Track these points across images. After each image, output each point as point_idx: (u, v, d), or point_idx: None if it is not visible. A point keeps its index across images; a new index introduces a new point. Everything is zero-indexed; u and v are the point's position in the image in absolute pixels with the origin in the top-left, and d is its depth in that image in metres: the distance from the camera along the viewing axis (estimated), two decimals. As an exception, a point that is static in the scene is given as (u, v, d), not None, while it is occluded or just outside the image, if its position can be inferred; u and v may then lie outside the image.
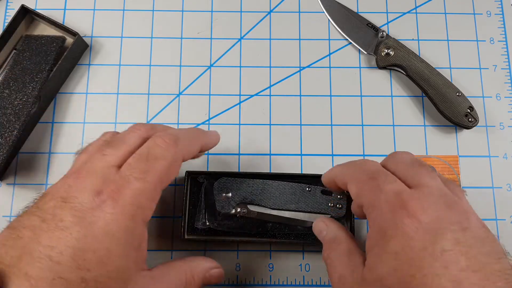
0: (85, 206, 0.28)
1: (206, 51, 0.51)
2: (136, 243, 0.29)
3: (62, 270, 0.25)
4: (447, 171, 0.47)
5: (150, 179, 0.30)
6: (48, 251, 0.26)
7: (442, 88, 0.48)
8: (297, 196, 0.41)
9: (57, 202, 0.28)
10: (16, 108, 0.45)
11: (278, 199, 0.41)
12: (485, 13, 0.53)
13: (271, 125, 0.49)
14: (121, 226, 0.28)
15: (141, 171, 0.30)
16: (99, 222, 0.27)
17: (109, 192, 0.28)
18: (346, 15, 0.52)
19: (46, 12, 0.50)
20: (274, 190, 0.41)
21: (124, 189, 0.29)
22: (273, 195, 0.41)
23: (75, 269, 0.25)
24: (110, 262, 0.27)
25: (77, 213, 0.27)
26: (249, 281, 0.44)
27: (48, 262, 0.25)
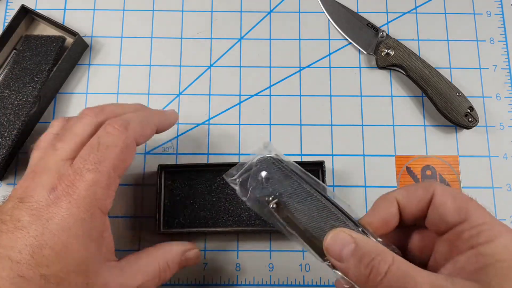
0: (41, 204, 0.28)
1: (206, 51, 0.51)
2: (95, 234, 0.29)
3: (22, 269, 0.26)
4: (447, 171, 0.48)
5: (103, 169, 0.30)
6: (8, 252, 0.26)
7: (442, 88, 0.48)
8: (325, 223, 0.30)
9: (15, 203, 0.28)
10: (16, 108, 0.45)
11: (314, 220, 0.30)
12: (485, 13, 0.53)
13: (271, 125, 0.49)
14: (77, 219, 0.28)
15: (93, 162, 0.30)
16: (55, 218, 0.28)
17: (63, 187, 0.29)
18: (346, 15, 0.52)
19: (46, 12, 0.50)
20: (315, 209, 0.30)
21: (77, 182, 0.29)
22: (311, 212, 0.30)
23: (35, 266, 0.26)
24: (68, 256, 0.27)
25: (34, 211, 0.28)
26: (249, 281, 0.44)
27: (8, 262, 0.26)
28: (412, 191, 0.29)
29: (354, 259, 0.25)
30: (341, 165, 0.47)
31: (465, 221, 0.26)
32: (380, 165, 0.48)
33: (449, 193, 0.27)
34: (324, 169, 0.44)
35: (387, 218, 0.28)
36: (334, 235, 0.27)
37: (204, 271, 0.44)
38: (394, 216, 0.28)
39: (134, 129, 0.33)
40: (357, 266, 0.25)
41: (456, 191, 0.28)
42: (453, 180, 0.47)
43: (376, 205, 0.29)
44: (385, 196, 0.29)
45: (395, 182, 0.47)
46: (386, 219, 0.28)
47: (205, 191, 0.45)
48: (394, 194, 0.29)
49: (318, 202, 0.30)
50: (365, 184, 0.47)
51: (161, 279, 0.33)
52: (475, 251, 0.24)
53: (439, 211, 0.27)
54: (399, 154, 0.48)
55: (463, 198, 0.27)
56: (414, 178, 0.47)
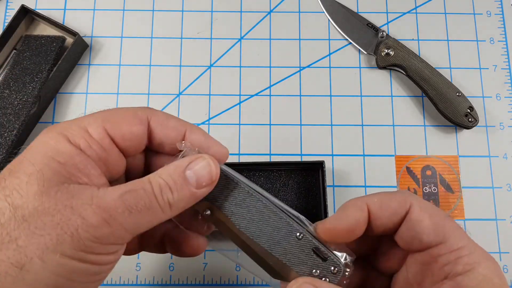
0: None
1: (206, 51, 0.51)
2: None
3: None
4: (447, 171, 0.47)
5: None
6: None
7: (442, 88, 0.48)
8: (280, 236, 0.26)
9: None
10: (16, 108, 0.45)
11: (254, 224, 0.27)
12: (485, 13, 0.53)
13: (271, 125, 0.49)
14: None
15: None
16: None
17: None
18: (346, 15, 0.52)
19: (46, 12, 0.50)
20: (255, 211, 0.27)
21: None
22: (251, 215, 0.27)
23: None
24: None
25: None
26: (249, 281, 0.44)
27: None
28: (386, 201, 0.26)
29: None
30: (341, 165, 0.47)
31: (442, 243, 0.24)
32: (380, 165, 0.47)
33: (427, 210, 0.25)
34: (324, 169, 0.44)
35: (354, 226, 0.26)
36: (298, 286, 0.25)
37: (204, 271, 0.44)
38: (362, 225, 0.26)
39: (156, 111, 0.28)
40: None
41: (433, 208, 0.26)
42: (453, 180, 0.47)
43: (344, 209, 0.26)
44: (356, 201, 0.26)
45: (395, 182, 0.47)
46: (353, 227, 0.26)
47: None
48: (365, 200, 0.26)
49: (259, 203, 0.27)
50: (365, 184, 0.47)
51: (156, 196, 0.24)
52: (453, 283, 0.23)
53: (415, 228, 0.25)
54: (399, 154, 0.48)
55: (441, 217, 0.25)
56: (414, 178, 0.47)
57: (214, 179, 0.26)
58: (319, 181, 0.46)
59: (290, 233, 0.26)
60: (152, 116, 0.27)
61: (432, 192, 0.47)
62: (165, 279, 0.44)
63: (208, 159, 0.26)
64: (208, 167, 0.25)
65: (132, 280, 0.44)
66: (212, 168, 0.26)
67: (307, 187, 0.46)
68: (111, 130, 0.25)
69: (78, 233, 0.21)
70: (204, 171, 0.25)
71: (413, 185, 0.47)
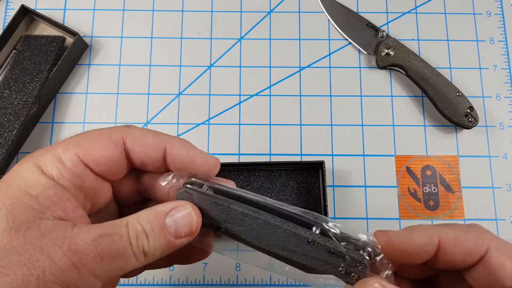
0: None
1: (206, 51, 0.51)
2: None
3: None
4: (447, 171, 0.47)
5: None
6: None
7: (442, 88, 0.48)
8: (292, 245, 0.26)
9: None
10: (16, 108, 0.45)
11: (265, 238, 0.26)
12: (485, 13, 0.53)
13: (271, 125, 0.49)
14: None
15: None
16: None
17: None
18: (346, 15, 0.52)
19: (46, 12, 0.50)
20: (259, 228, 0.26)
21: None
22: (257, 231, 0.26)
23: None
24: None
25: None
26: (249, 281, 0.44)
27: None
28: (461, 238, 0.24)
29: None
30: (341, 165, 0.47)
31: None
32: (380, 165, 0.47)
33: (506, 252, 0.23)
34: (324, 169, 0.44)
35: (416, 252, 0.23)
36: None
37: (204, 271, 0.44)
38: (425, 255, 0.24)
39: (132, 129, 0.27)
40: None
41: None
42: (453, 180, 0.47)
43: (412, 231, 0.24)
44: (427, 229, 0.24)
45: (395, 182, 0.47)
46: (414, 252, 0.23)
47: None
48: (438, 232, 0.24)
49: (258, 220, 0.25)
50: (365, 184, 0.47)
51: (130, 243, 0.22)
52: None
53: (496, 273, 0.23)
54: (399, 154, 0.48)
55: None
56: (414, 178, 0.47)
57: (194, 230, 0.24)
58: (319, 181, 0.46)
59: (300, 242, 0.25)
60: (128, 135, 0.26)
61: (432, 192, 0.47)
62: (165, 279, 0.44)
63: (189, 209, 0.24)
64: (189, 217, 0.24)
65: (132, 280, 0.44)
66: (192, 219, 0.24)
67: (307, 187, 0.46)
68: (84, 156, 0.24)
69: (45, 275, 0.20)
70: (184, 221, 0.24)
71: (413, 185, 0.47)
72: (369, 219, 0.46)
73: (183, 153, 0.26)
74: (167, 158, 0.26)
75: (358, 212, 0.46)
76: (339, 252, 0.24)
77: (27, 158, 0.24)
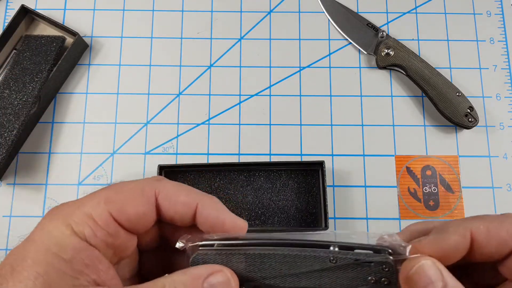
0: None
1: (206, 51, 0.51)
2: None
3: None
4: (447, 171, 0.47)
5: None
6: None
7: (442, 88, 0.48)
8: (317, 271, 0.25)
9: None
10: (16, 108, 0.45)
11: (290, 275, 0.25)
12: (485, 13, 0.53)
13: (271, 125, 0.49)
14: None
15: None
16: None
17: None
18: (346, 15, 0.52)
19: (46, 12, 0.50)
20: (279, 265, 0.25)
21: None
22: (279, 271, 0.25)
23: None
24: None
25: None
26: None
27: None
28: (494, 230, 0.23)
29: None
30: (341, 165, 0.47)
31: None
32: (380, 165, 0.47)
33: None
34: (324, 169, 0.44)
35: (453, 253, 0.23)
36: (419, 266, 0.22)
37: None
38: (461, 252, 0.23)
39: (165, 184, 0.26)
40: None
41: None
42: (453, 180, 0.47)
43: (443, 233, 0.23)
44: (458, 226, 0.23)
45: (395, 182, 0.47)
46: (451, 254, 0.23)
47: (205, 191, 0.45)
48: (469, 226, 0.23)
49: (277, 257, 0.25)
50: (365, 184, 0.47)
51: None
52: None
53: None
54: (399, 154, 0.48)
55: None
56: (414, 178, 0.47)
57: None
58: (319, 181, 0.46)
59: (324, 264, 0.24)
60: (161, 191, 0.25)
61: (432, 192, 0.47)
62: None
63: (228, 274, 0.24)
64: (228, 285, 0.23)
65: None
66: (231, 286, 0.24)
67: (307, 187, 0.46)
68: (116, 213, 0.24)
69: None
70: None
71: (413, 185, 0.47)
72: (369, 219, 0.46)
73: (214, 215, 0.26)
74: (197, 217, 0.26)
75: (358, 212, 0.46)
76: (363, 260, 0.24)
77: (55, 214, 0.23)
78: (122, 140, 0.48)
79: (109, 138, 0.48)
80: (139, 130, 0.48)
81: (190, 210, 0.26)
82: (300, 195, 0.46)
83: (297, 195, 0.46)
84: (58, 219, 0.23)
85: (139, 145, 0.48)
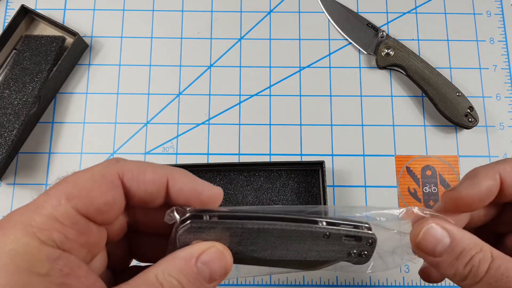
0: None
1: (206, 51, 0.51)
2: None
3: None
4: (447, 171, 0.47)
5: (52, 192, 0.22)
6: None
7: (442, 88, 0.48)
8: (308, 245, 0.25)
9: None
10: (16, 108, 0.45)
11: (279, 249, 0.25)
12: (485, 13, 0.53)
13: (271, 125, 0.49)
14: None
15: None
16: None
17: None
18: (346, 15, 0.52)
19: (46, 12, 0.50)
20: (274, 239, 0.25)
21: None
22: (271, 244, 0.25)
23: None
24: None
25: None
26: (249, 281, 0.44)
27: None
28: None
29: (450, 256, 0.23)
30: (341, 165, 0.47)
31: None
32: (380, 165, 0.47)
33: None
34: (324, 169, 0.44)
35: (485, 195, 0.24)
36: (425, 231, 0.23)
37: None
38: (493, 194, 0.24)
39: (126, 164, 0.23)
40: (453, 264, 0.23)
41: None
42: (453, 180, 0.47)
43: (474, 178, 0.25)
44: (487, 170, 0.25)
45: (395, 182, 0.47)
46: (484, 196, 0.24)
47: None
48: (497, 169, 0.24)
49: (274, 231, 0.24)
50: (365, 184, 0.47)
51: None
52: None
53: None
54: (399, 154, 0.48)
55: None
56: (414, 178, 0.47)
57: (228, 271, 0.22)
58: (319, 181, 0.46)
59: (317, 238, 0.25)
60: (124, 173, 0.22)
61: (432, 192, 0.47)
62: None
63: (220, 248, 0.22)
64: (223, 259, 0.22)
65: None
66: (227, 261, 0.22)
67: (307, 187, 0.46)
68: (83, 208, 0.20)
69: None
70: (219, 264, 0.22)
71: (413, 185, 0.47)
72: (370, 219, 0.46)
73: (189, 187, 0.24)
74: (171, 193, 0.23)
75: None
76: (353, 235, 0.25)
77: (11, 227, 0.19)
78: (122, 140, 0.48)
79: (109, 138, 0.48)
80: (139, 130, 0.49)
81: (160, 187, 0.23)
82: (300, 195, 0.46)
83: (297, 195, 0.46)
84: (17, 230, 0.19)
85: (139, 145, 0.48)
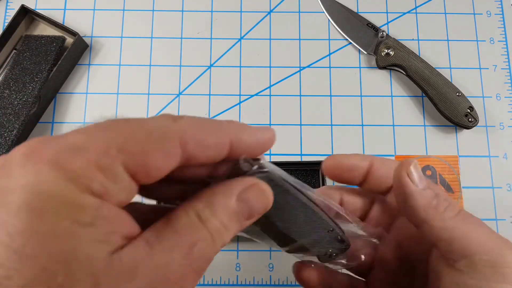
0: None
1: (206, 51, 0.51)
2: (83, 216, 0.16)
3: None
4: (447, 171, 0.48)
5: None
6: None
7: (442, 88, 0.48)
8: (312, 229, 0.26)
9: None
10: (16, 108, 0.45)
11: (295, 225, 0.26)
12: (485, 13, 0.53)
13: (271, 125, 0.49)
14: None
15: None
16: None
17: None
18: (346, 15, 0.52)
19: (46, 12, 0.50)
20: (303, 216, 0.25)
21: None
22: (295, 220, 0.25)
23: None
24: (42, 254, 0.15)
25: None
26: (249, 281, 0.44)
27: None
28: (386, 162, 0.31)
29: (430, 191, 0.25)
30: (341, 165, 0.47)
31: None
32: (380, 165, 0.47)
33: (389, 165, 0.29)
34: (324, 169, 0.44)
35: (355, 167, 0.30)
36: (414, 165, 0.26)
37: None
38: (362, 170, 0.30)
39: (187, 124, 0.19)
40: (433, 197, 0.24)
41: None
42: (453, 180, 0.47)
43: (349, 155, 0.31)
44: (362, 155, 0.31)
45: (395, 182, 0.47)
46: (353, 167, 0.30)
47: None
48: (369, 157, 0.31)
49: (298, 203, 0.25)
50: (365, 184, 0.47)
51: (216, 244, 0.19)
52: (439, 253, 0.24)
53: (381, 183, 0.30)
54: (399, 154, 0.48)
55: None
56: (414, 178, 0.47)
57: (267, 209, 0.21)
58: (319, 181, 0.46)
59: (322, 228, 0.26)
60: (186, 135, 0.18)
61: (432, 192, 0.47)
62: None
63: (262, 185, 0.21)
64: (265, 196, 0.21)
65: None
66: (268, 197, 0.21)
67: (307, 187, 0.46)
68: (132, 167, 0.17)
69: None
70: (260, 202, 0.21)
71: (413, 185, 0.47)
72: (369, 219, 0.46)
73: (252, 146, 0.21)
74: (232, 153, 0.21)
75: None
76: (342, 239, 0.26)
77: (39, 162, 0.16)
78: (122, 140, 0.48)
79: (109, 138, 0.48)
80: (139, 130, 0.48)
81: (223, 150, 0.20)
82: (300, 195, 0.46)
83: (297, 195, 0.46)
84: (51, 170, 0.16)
85: (139, 145, 0.48)
